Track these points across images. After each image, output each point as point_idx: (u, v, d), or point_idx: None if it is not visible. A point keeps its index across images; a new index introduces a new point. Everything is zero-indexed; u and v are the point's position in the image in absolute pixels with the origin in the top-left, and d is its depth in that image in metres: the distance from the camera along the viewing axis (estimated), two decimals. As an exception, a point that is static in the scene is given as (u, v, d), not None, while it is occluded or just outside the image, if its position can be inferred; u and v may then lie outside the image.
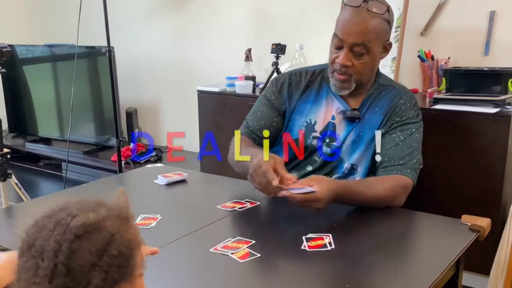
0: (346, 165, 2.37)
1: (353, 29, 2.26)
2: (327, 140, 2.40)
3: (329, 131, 2.40)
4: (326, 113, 2.43)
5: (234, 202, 2.21)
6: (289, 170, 2.43)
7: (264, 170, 2.01)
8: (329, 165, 2.41)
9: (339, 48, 2.31)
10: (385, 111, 2.35)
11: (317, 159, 2.42)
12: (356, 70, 2.30)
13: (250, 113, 2.56)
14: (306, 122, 2.44)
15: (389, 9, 2.30)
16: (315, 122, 2.43)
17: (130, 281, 1.07)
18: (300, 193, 1.95)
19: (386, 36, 2.34)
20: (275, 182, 1.96)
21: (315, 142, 2.42)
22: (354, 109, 2.38)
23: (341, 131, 2.39)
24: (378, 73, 2.46)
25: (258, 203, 2.18)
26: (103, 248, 1.02)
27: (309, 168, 2.42)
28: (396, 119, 2.33)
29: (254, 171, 2.06)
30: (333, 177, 2.36)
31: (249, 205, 2.17)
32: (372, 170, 2.34)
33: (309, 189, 1.94)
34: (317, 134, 2.42)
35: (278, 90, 2.51)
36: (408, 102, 2.36)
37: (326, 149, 2.40)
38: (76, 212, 1.04)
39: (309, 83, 2.48)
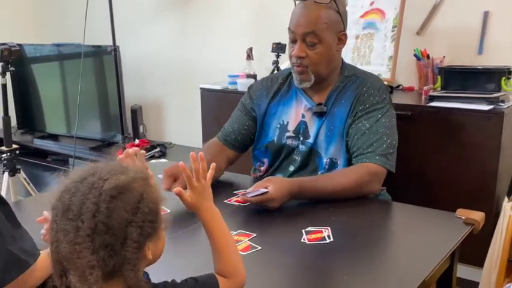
0: (325, 160, 2.37)
1: (302, 20, 2.30)
2: (302, 138, 2.40)
3: (301, 129, 2.41)
4: (296, 112, 2.44)
5: (239, 198, 2.21)
6: (273, 172, 2.48)
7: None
8: (310, 164, 2.41)
9: (294, 42, 2.35)
10: (351, 102, 2.34)
11: (297, 158, 2.42)
12: (311, 61, 2.31)
13: (230, 118, 2.63)
14: (279, 123, 2.46)
15: (335, 0, 2.32)
16: (287, 122, 2.45)
17: (158, 233, 1.15)
18: (254, 195, 2.02)
19: (339, 27, 2.35)
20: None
21: (290, 141, 2.43)
22: (320, 104, 2.39)
23: (312, 127, 2.39)
24: (343, 66, 2.46)
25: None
26: (136, 206, 1.09)
27: (291, 168, 2.43)
28: (360, 108, 2.32)
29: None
30: (318, 174, 2.38)
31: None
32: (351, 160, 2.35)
33: (262, 190, 2.02)
34: (291, 134, 2.43)
35: (250, 96, 2.57)
36: (372, 89, 2.35)
37: (302, 147, 2.40)
38: (106, 176, 1.10)
39: (280, 85, 2.51)
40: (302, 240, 1.80)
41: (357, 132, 2.29)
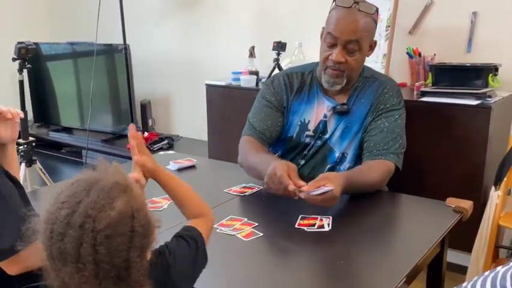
0: (338, 154, 2.36)
1: (346, 28, 2.22)
2: (320, 135, 2.39)
3: (322, 128, 2.38)
4: (317, 112, 2.40)
5: (243, 187, 2.21)
6: None
7: (279, 176, 1.94)
8: (319, 155, 2.40)
9: (332, 46, 2.27)
10: (371, 102, 2.33)
11: (308, 152, 2.41)
12: (348, 66, 2.27)
13: (253, 115, 2.47)
14: (300, 121, 2.42)
15: (377, 10, 2.30)
16: (309, 121, 2.41)
17: (152, 239, 1.09)
18: (318, 194, 1.87)
19: (373, 35, 2.33)
20: (291, 187, 1.90)
21: (308, 140, 2.41)
22: (343, 104, 2.36)
23: (331, 124, 2.37)
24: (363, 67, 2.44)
25: (262, 187, 2.18)
26: (131, 233, 1.03)
27: (302, 162, 2.42)
28: (381, 107, 2.31)
29: (270, 178, 1.99)
30: (327, 167, 2.37)
31: (256, 189, 2.17)
32: (359, 155, 2.34)
33: (327, 188, 1.86)
34: (311, 133, 2.40)
35: (276, 92, 2.45)
36: (391, 91, 2.35)
37: (318, 142, 2.39)
38: (93, 212, 1.01)
39: (301, 84, 2.44)
40: (297, 226, 1.81)
41: (375, 129, 2.28)
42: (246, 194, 2.15)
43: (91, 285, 1.01)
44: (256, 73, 3.74)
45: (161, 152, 2.93)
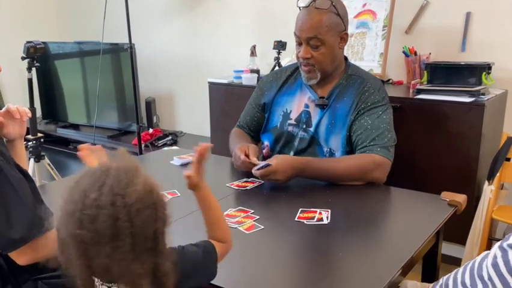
0: (326, 149, 2.37)
1: (305, 26, 2.31)
2: (304, 126, 2.41)
3: (304, 118, 2.42)
4: (299, 102, 2.45)
5: (244, 182, 2.21)
6: None
7: (238, 154, 2.24)
8: (310, 150, 2.41)
9: (300, 44, 2.37)
10: (353, 99, 2.34)
11: (296, 144, 2.43)
12: (316, 60, 2.33)
13: (244, 110, 2.68)
14: (283, 111, 2.48)
15: (334, 4, 2.31)
16: (291, 111, 2.47)
17: (168, 215, 1.12)
18: (258, 169, 2.09)
19: (340, 28, 2.35)
20: (242, 157, 2.21)
21: (291, 129, 2.44)
22: (322, 97, 2.39)
23: (314, 117, 2.40)
24: (347, 64, 2.46)
25: (263, 182, 2.18)
26: (154, 205, 1.07)
27: (291, 154, 2.43)
28: (362, 106, 2.32)
29: (233, 157, 2.31)
30: None
31: (257, 183, 2.17)
32: (351, 153, 2.33)
33: (263, 163, 2.09)
34: (292, 122, 2.45)
35: (260, 88, 2.61)
36: (373, 88, 2.35)
37: (303, 134, 2.41)
38: (120, 190, 1.04)
39: (287, 78, 2.54)
40: (297, 219, 1.81)
41: (360, 128, 2.28)
42: (247, 188, 2.15)
43: (127, 261, 1.03)
44: (257, 71, 3.73)
45: (166, 148, 2.93)
